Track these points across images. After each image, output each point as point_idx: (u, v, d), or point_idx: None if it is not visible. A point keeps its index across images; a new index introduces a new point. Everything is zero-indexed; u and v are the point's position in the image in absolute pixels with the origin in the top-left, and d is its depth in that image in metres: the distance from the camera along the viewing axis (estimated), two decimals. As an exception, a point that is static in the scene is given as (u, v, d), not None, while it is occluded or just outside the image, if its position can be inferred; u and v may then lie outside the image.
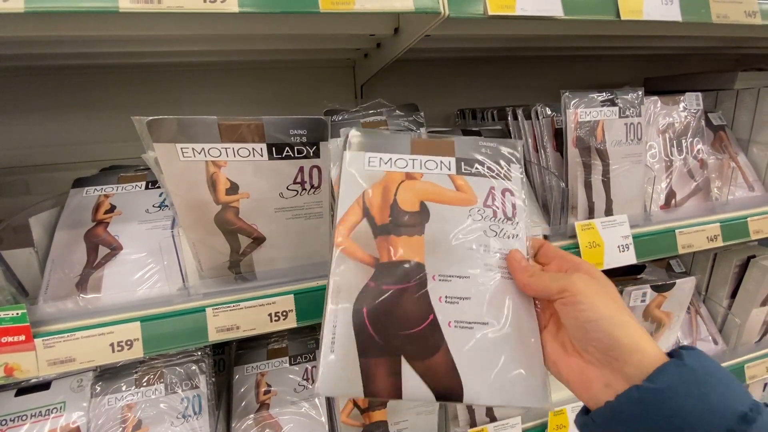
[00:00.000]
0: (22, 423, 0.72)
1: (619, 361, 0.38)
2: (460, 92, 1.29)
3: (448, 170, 0.52)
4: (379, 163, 0.52)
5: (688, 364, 0.36)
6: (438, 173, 0.52)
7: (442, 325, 0.46)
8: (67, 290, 0.66)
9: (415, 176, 0.51)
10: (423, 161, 0.52)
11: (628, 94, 0.85)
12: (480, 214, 0.50)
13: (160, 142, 0.50)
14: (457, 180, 0.52)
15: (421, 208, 0.50)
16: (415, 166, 0.52)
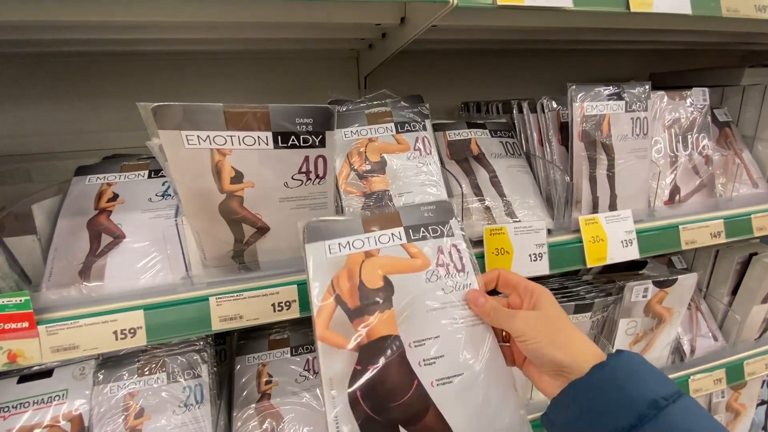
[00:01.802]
0: (24, 410, 0.73)
1: (566, 372, 0.48)
2: (464, 85, 1.28)
3: (399, 240, 0.57)
4: (338, 248, 0.56)
5: (611, 364, 0.46)
6: (392, 245, 0.57)
7: (426, 386, 0.51)
8: (70, 278, 0.66)
9: (373, 253, 0.56)
10: (377, 237, 0.57)
11: (635, 89, 0.84)
12: (435, 275, 0.56)
13: (165, 129, 0.50)
14: (409, 248, 0.57)
15: (385, 282, 0.55)
16: (371, 243, 0.57)
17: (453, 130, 0.88)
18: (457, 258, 0.57)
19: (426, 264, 0.56)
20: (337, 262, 0.55)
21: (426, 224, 0.59)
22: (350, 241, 0.56)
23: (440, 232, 0.59)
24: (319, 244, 0.55)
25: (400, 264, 0.56)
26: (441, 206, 0.61)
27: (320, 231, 0.56)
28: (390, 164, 0.76)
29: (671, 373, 1.02)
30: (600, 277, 1.06)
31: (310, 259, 0.55)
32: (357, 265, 0.55)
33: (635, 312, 0.96)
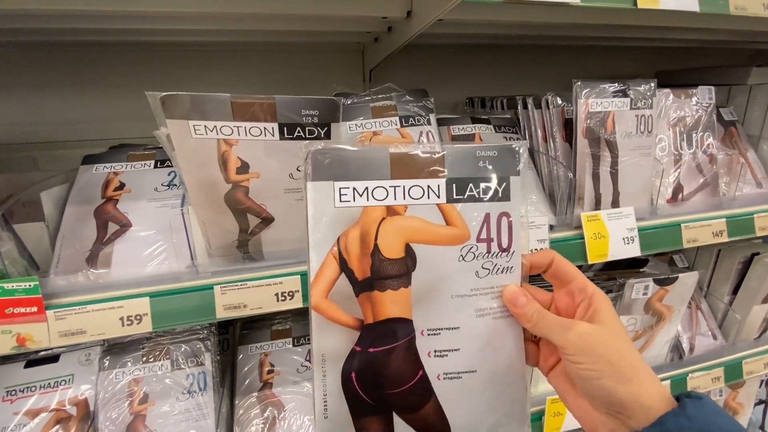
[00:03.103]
0: (31, 393, 0.74)
1: (623, 415, 0.39)
2: (469, 80, 1.28)
3: (437, 197, 0.44)
4: (352, 196, 0.43)
5: (689, 413, 0.37)
6: (425, 203, 0.44)
7: (431, 378, 0.44)
8: (78, 265, 0.67)
9: (398, 210, 0.44)
10: (407, 188, 0.44)
11: (641, 86, 0.84)
12: (473, 252, 0.45)
13: (173, 119, 0.50)
14: (448, 211, 0.44)
15: (407, 253, 0.44)
16: (398, 196, 0.43)
17: (457, 125, 0.88)
18: (505, 231, 0.45)
19: (464, 236, 0.44)
20: (349, 215, 0.43)
21: (477, 179, 0.44)
22: (369, 188, 0.43)
23: (493, 194, 0.45)
24: (326, 185, 0.42)
25: (431, 231, 0.44)
26: (504, 154, 0.46)
27: (330, 166, 0.43)
28: (394, 158, 0.76)
29: (669, 370, 1.02)
30: (600, 274, 1.06)
31: (312, 203, 0.43)
32: (374, 224, 0.43)
33: (635, 309, 0.96)
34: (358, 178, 0.43)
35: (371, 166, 0.44)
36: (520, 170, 0.46)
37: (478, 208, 0.45)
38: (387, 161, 0.44)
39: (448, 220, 0.45)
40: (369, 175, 0.43)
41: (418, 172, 0.44)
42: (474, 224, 0.45)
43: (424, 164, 0.44)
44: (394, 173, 0.44)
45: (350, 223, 0.43)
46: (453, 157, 0.45)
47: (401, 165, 0.44)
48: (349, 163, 0.43)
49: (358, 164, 0.44)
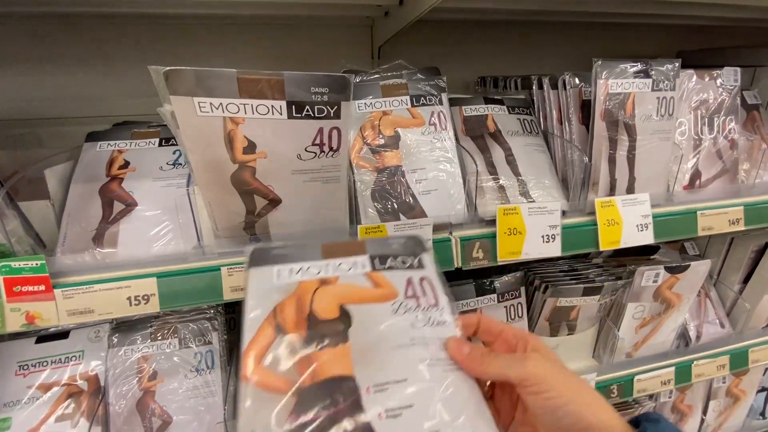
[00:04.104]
0: (43, 368, 0.75)
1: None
2: (482, 59, 1.23)
3: (363, 269, 0.49)
4: (289, 274, 0.47)
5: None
6: (354, 273, 0.48)
7: None
8: (84, 244, 0.66)
9: (331, 281, 0.48)
10: (336, 264, 0.49)
11: (664, 66, 0.80)
12: (404, 307, 0.46)
13: (177, 95, 0.48)
14: (374, 277, 0.49)
15: (341, 314, 0.45)
16: (329, 271, 0.48)
17: (469, 105, 0.85)
18: (429, 292, 0.48)
19: (393, 293, 0.47)
20: (286, 288, 0.46)
21: (394, 254, 0.51)
22: (304, 267, 0.48)
23: (410, 264, 0.50)
24: (266, 269, 0.47)
25: (361, 293, 0.47)
26: (412, 240, 0.53)
27: (269, 256, 0.48)
28: (404, 139, 0.74)
29: (675, 357, 1.02)
30: (610, 260, 1.05)
31: (251, 284, 0.46)
32: (309, 293, 0.46)
33: (644, 297, 0.95)
34: (293, 261, 0.49)
35: (304, 253, 0.50)
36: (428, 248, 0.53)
37: (400, 275, 0.49)
38: (318, 248, 0.50)
39: (376, 284, 0.48)
40: (303, 258, 0.49)
41: (344, 254, 0.50)
42: (400, 286, 0.48)
43: (349, 249, 0.51)
44: (325, 255, 0.50)
45: (287, 295, 0.46)
46: (371, 242, 0.52)
47: (330, 250, 0.50)
48: (286, 253, 0.49)
49: (294, 253, 0.49)
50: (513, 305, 0.88)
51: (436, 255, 0.71)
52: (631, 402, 1.07)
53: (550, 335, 0.95)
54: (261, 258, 0.48)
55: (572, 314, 0.92)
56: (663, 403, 1.14)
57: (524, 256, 0.74)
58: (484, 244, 0.73)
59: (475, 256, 0.73)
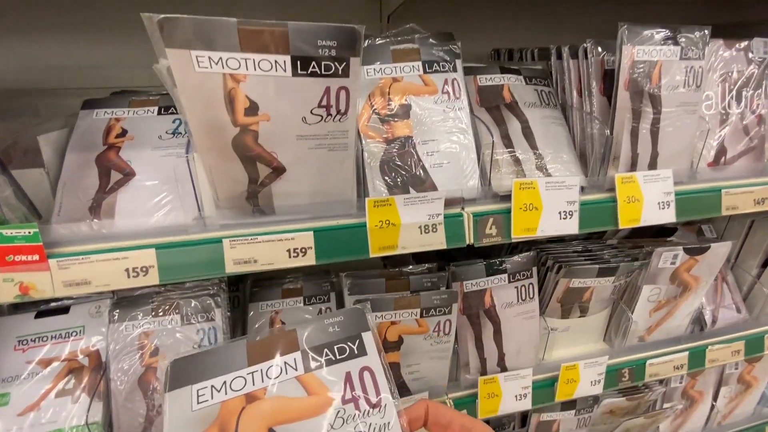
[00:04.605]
0: (43, 343, 0.74)
1: None
2: (496, 30, 1.18)
3: (294, 371, 0.45)
4: (210, 394, 0.43)
5: None
6: (284, 379, 0.44)
7: None
8: (80, 214, 0.64)
9: (258, 395, 0.43)
10: (264, 370, 0.44)
11: (694, 33, 0.75)
12: (341, 417, 0.43)
13: (173, 48, 0.45)
14: (307, 381, 0.45)
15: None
16: (256, 381, 0.44)
17: (485, 74, 0.80)
18: (371, 386, 0.45)
19: (327, 402, 0.44)
20: (206, 415, 0.42)
21: (331, 343, 0.47)
22: (227, 382, 0.43)
23: (349, 352, 0.46)
24: (183, 392, 0.43)
25: (291, 408, 0.43)
26: (351, 316, 0.49)
27: (187, 371, 0.44)
28: (415, 108, 0.70)
29: (689, 342, 1.00)
30: (625, 242, 1.01)
31: (170, 417, 0.42)
32: (233, 416, 0.42)
33: (661, 279, 0.92)
34: (216, 374, 0.44)
35: (228, 359, 0.45)
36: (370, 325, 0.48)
37: (337, 370, 0.45)
38: (243, 351, 0.46)
39: (309, 390, 0.44)
40: (226, 368, 0.45)
41: (274, 352, 0.46)
42: (337, 387, 0.45)
43: (280, 343, 0.46)
44: (251, 359, 0.45)
45: (208, 424, 0.42)
46: (305, 330, 0.48)
47: (257, 350, 0.46)
48: (207, 362, 0.45)
49: (216, 361, 0.45)
50: (524, 286, 0.85)
51: (447, 231, 0.68)
52: (641, 387, 1.05)
53: (561, 317, 0.92)
54: (179, 375, 0.44)
55: (585, 296, 0.89)
56: (674, 388, 1.12)
57: (540, 233, 0.71)
58: (497, 220, 0.70)
59: (488, 232, 0.70)
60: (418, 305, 0.74)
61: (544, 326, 0.89)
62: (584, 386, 0.91)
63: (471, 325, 0.84)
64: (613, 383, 0.93)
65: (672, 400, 1.12)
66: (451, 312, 0.76)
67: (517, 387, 0.86)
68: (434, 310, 0.75)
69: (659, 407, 1.08)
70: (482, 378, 0.84)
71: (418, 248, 0.66)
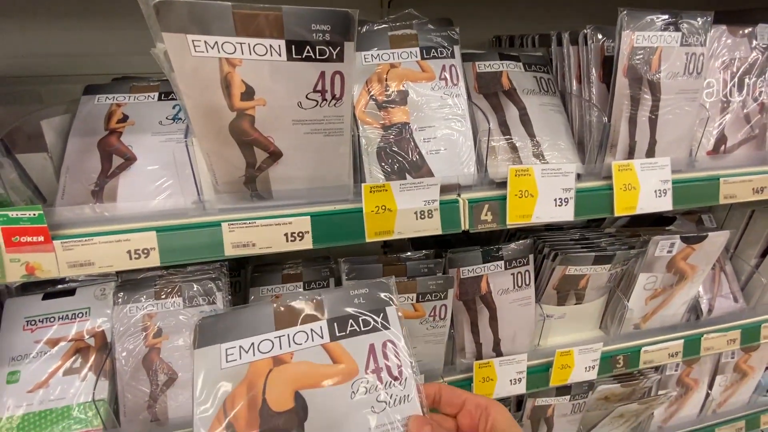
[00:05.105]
0: (51, 324, 0.76)
1: None
2: (497, 17, 1.16)
3: (321, 339, 0.46)
4: (239, 354, 0.44)
5: None
6: (310, 346, 0.45)
7: None
8: (83, 197, 0.65)
9: (285, 359, 0.45)
10: (291, 335, 0.46)
11: (696, 19, 0.74)
12: (365, 387, 0.44)
13: (169, 32, 0.45)
14: (332, 349, 0.46)
15: (296, 403, 0.43)
16: (283, 345, 0.45)
17: (483, 61, 0.80)
18: (393, 359, 0.46)
19: (352, 372, 0.45)
20: (236, 373, 0.43)
21: (356, 315, 0.47)
22: (255, 344, 0.45)
23: (373, 325, 0.47)
24: (212, 350, 0.44)
25: (317, 374, 0.44)
26: (375, 289, 0.50)
27: (216, 330, 0.45)
28: (412, 94, 0.70)
29: (685, 330, 1.01)
30: (623, 230, 1.02)
31: (200, 373, 0.43)
32: (261, 377, 0.43)
33: (657, 267, 0.92)
34: (243, 335, 0.45)
35: (256, 322, 0.46)
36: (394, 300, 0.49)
37: (361, 341, 0.46)
38: (271, 315, 0.46)
39: (334, 359, 0.46)
40: (254, 330, 0.46)
41: (300, 318, 0.46)
42: (361, 357, 0.46)
43: (306, 311, 0.47)
44: (278, 324, 0.46)
45: (237, 382, 0.43)
46: (330, 300, 0.48)
47: (284, 316, 0.47)
48: (234, 322, 0.46)
49: (243, 322, 0.46)
50: (520, 273, 0.86)
51: (443, 217, 0.69)
52: (636, 373, 1.07)
53: (558, 304, 0.93)
54: (207, 333, 0.45)
55: (581, 283, 0.90)
56: (669, 375, 1.13)
57: (535, 220, 0.72)
58: (493, 206, 0.71)
59: (483, 218, 0.71)
60: (415, 290, 0.76)
61: (540, 313, 0.91)
62: (578, 372, 0.92)
63: (467, 311, 0.85)
64: (607, 369, 0.95)
65: (667, 388, 1.14)
66: (447, 297, 0.77)
67: (512, 372, 0.88)
68: (430, 295, 0.76)
69: (654, 394, 1.10)
70: (477, 362, 0.85)
71: (414, 233, 0.67)
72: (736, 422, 1.21)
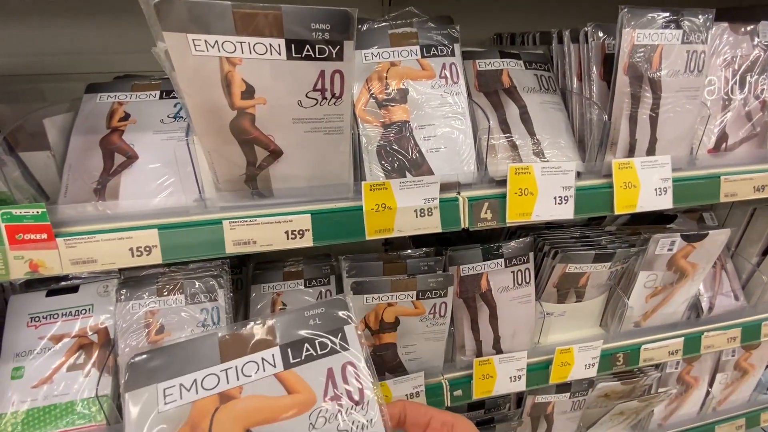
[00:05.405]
0: (54, 320, 0.77)
1: None
2: (499, 14, 1.16)
3: (273, 368, 0.41)
4: (179, 394, 0.39)
5: None
6: (262, 377, 0.41)
7: None
8: (86, 195, 0.66)
9: (233, 394, 0.40)
10: (240, 367, 0.41)
11: (697, 16, 0.74)
12: (323, 417, 0.40)
13: (170, 31, 0.46)
14: (287, 379, 0.41)
15: None
16: (231, 379, 0.40)
17: (483, 59, 0.80)
18: (354, 382, 0.42)
19: (309, 401, 0.41)
20: (177, 416, 0.38)
21: (311, 338, 0.43)
22: (198, 380, 0.40)
23: (330, 347, 0.43)
24: (148, 391, 0.39)
25: (270, 407, 0.40)
26: (331, 308, 0.46)
27: (151, 368, 0.40)
28: (412, 92, 0.70)
29: (684, 328, 1.01)
30: (624, 228, 1.02)
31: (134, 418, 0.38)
32: (206, 417, 0.39)
33: (657, 265, 0.92)
34: (184, 372, 0.40)
35: (198, 355, 0.41)
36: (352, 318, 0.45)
37: (319, 366, 0.42)
38: (215, 346, 0.42)
39: (289, 389, 0.41)
40: (196, 364, 0.41)
41: (249, 347, 0.42)
42: (318, 384, 0.42)
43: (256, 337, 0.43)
44: (224, 356, 0.41)
45: (179, 426, 0.38)
46: (283, 323, 0.44)
47: (231, 345, 0.42)
48: (173, 357, 0.41)
49: (184, 356, 0.41)
50: (520, 270, 0.86)
51: (443, 215, 0.69)
52: (636, 371, 1.07)
53: (558, 302, 0.93)
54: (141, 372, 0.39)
55: (581, 281, 0.90)
56: (669, 373, 1.14)
57: (535, 218, 0.72)
58: (493, 204, 0.71)
59: (483, 216, 0.71)
60: (415, 288, 0.76)
61: (540, 311, 0.91)
62: (578, 369, 0.93)
63: (467, 309, 0.86)
64: (607, 367, 0.95)
65: (667, 385, 1.14)
66: (447, 295, 0.78)
67: (511, 369, 0.88)
68: (430, 293, 0.77)
69: (654, 391, 1.10)
70: (477, 360, 0.86)
71: (414, 231, 0.68)
72: (737, 420, 1.21)
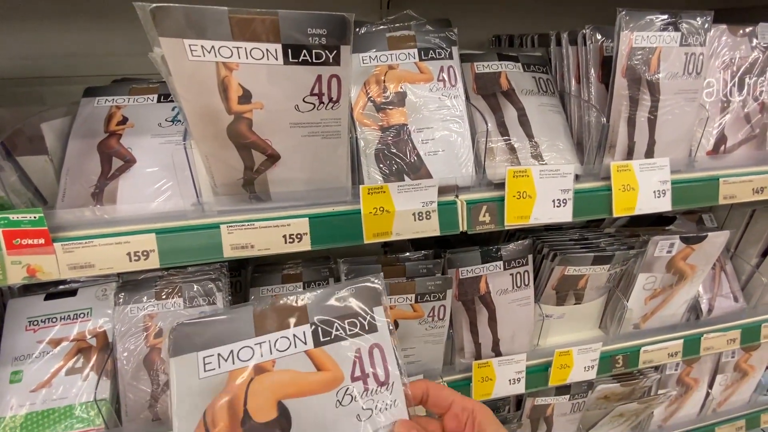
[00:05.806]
0: (53, 324, 0.77)
1: None
2: (497, 16, 1.16)
3: (304, 344, 0.44)
4: (217, 363, 0.42)
5: None
6: (293, 353, 0.43)
7: None
8: (84, 199, 0.66)
9: (266, 366, 0.43)
10: (273, 341, 0.43)
11: (696, 19, 0.74)
12: (350, 395, 0.43)
13: (166, 37, 0.46)
14: (317, 356, 0.44)
15: (280, 413, 0.41)
16: (264, 352, 0.43)
17: (482, 61, 0.80)
18: (380, 364, 0.44)
19: (337, 378, 0.43)
20: (215, 384, 0.41)
21: (341, 316, 0.45)
22: (234, 351, 0.42)
23: (360, 327, 0.45)
24: (189, 358, 0.42)
25: (302, 382, 0.42)
26: (362, 290, 0.47)
27: (192, 337, 0.42)
28: (410, 96, 0.70)
29: (684, 330, 1.00)
30: (623, 230, 1.02)
31: (175, 382, 0.41)
32: (242, 387, 0.41)
33: (656, 267, 0.92)
34: (222, 342, 0.43)
35: (234, 328, 0.44)
36: (383, 300, 0.47)
37: (347, 346, 0.44)
38: (250, 319, 0.44)
39: (318, 366, 0.44)
40: (232, 337, 0.43)
41: (282, 323, 0.44)
42: (346, 364, 0.44)
43: (288, 314, 0.45)
44: (258, 329, 0.44)
45: (217, 392, 0.41)
46: (314, 301, 0.45)
47: (265, 319, 0.44)
48: (212, 329, 0.43)
49: (221, 329, 0.44)
50: (519, 273, 0.86)
51: (441, 218, 0.69)
52: (635, 373, 1.07)
53: (557, 304, 0.93)
54: (183, 341, 0.42)
55: (580, 283, 0.90)
56: (669, 375, 1.13)
57: (533, 221, 0.72)
58: (491, 207, 0.71)
59: (481, 219, 0.71)
60: (413, 291, 0.76)
61: (539, 313, 0.91)
62: (578, 372, 0.92)
63: (466, 311, 0.86)
64: (606, 369, 0.95)
65: (667, 387, 1.14)
66: (446, 298, 0.77)
67: (510, 371, 0.88)
68: (429, 296, 0.77)
69: (654, 393, 1.10)
70: (476, 362, 0.86)
71: (412, 235, 0.68)
72: (737, 421, 1.21)
